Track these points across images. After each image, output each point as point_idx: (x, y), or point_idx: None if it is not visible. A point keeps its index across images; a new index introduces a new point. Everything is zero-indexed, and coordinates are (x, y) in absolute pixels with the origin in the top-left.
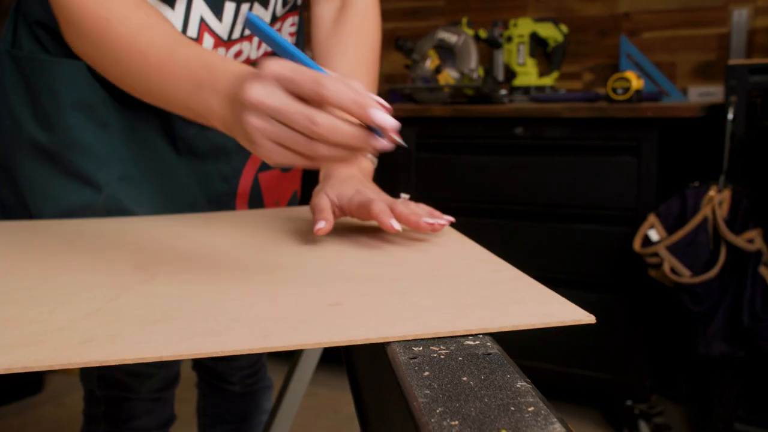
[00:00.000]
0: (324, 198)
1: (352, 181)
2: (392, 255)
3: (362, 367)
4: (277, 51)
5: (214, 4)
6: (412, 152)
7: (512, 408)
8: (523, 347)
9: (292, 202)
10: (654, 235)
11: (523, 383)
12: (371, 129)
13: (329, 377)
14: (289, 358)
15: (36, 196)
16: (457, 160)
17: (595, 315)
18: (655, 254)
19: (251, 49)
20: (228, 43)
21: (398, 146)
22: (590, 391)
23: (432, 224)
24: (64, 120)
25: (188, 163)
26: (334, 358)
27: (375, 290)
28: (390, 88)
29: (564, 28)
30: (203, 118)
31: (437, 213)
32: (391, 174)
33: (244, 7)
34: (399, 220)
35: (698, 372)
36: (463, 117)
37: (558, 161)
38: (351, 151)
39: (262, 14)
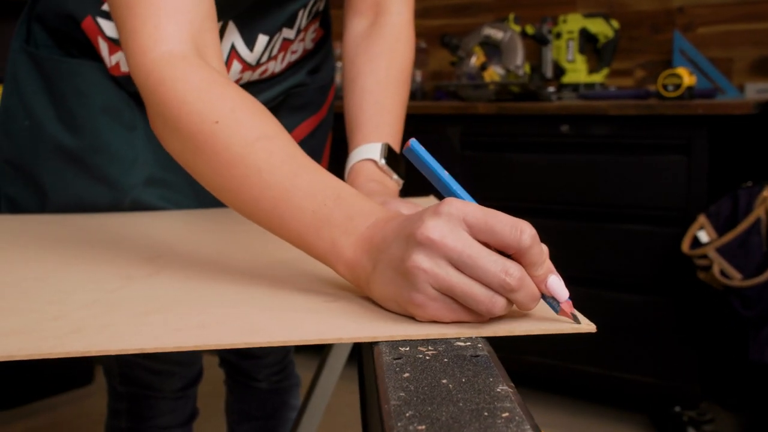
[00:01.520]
0: None
1: (376, 195)
2: None
3: (366, 367)
4: (436, 184)
5: (248, 36)
6: (456, 150)
7: (486, 413)
8: (566, 350)
9: None
10: (703, 236)
11: (504, 387)
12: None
13: None
14: (320, 353)
15: (60, 197)
16: (501, 158)
17: (641, 317)
18: (705, 256)
19: (276, 65)
20: (255, 67)
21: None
22: (637, 396)
23: None
24: (92, 123)
25: None
26: None
27: None
28: (435, 86)
29: (615, 23)
30: (320, 256)
31: None
32: None
33: (276, 36)
34: None
35: (751, 378)
36: (508, 114)
37: (605, 160)
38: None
39: (288, 33)
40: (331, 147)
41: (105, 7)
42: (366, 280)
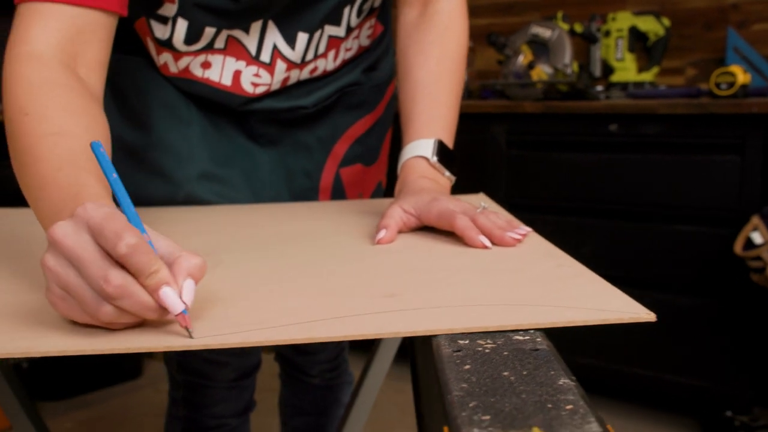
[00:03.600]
0: (395, 209)
1: (427, 191)
2: (456, 247)
3: (420, 361)
4: (113, 191)
5: (288, 34)
6: (503, 149)
7: (549, 405)
8: (615, 352)
9: (376, 193)
10: (757, 237)
11: (566, 380)
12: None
13: None
14: (368, 352)
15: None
16: (548, 157)
17: (692, 319)
18: (758, 258)
19: (327, 63)
20: (302, 65)
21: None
22: (687, 400)
23: (518, 239)
24: (151, 118)
25: (271, 159)
26: None
27: (432, 282)
28: (482, 84)
29: (666, 21)
30: None
31: (516, 222)
32: (481, 171)
33: (317, 34)
34: (482, 233)
35: None
36: (556, 113)
37: (654, 160)
38: (141, 320)
39: (335, 31)
40: (391, 145)
41: (161, 11)
42: None
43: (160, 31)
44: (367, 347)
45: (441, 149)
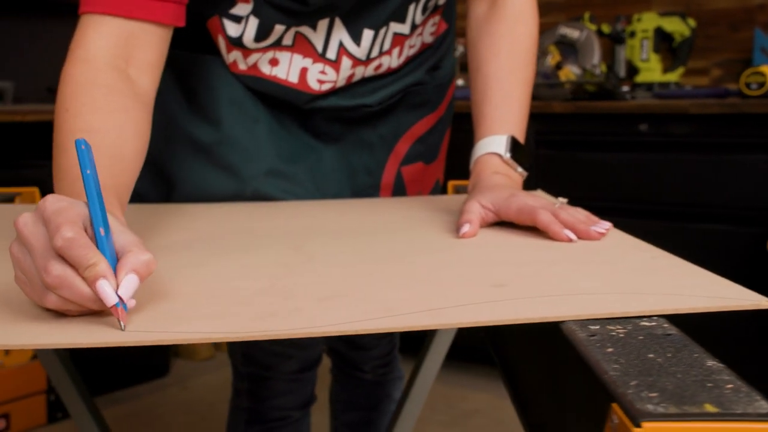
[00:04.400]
0: (474, 204)
1: (502, 187)
2: (540, 241)
3: (513, 351)
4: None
5: (354, 31)
6: (531, 149)
7: (709, 384)
8: None
9: (434, 191)
10: None
11: (714, 362)
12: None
13: (444, 373)
14: (417, 351)
15: (186, 188)
16: (577, 157)
17: (724, 319)
18: None
19: (391, 60)
20: (366, 62)
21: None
22: None
23: (603, 234)
24: (220, 115)
25: (334, 156)
26: (448, 354)
27: (535, 273)
28: None
29: (691, 22)
30: None
31: (594, 217)
32: None
33: (382, 31)
34: (565, 228)
35: None
36: (585, 113)
37: (685, 159)
38: (86, 309)
39: (400, 28)
40: (449, 143)
41: (233, 10)
42: None
43: (233, 29)
44: (415, 348)
45: (513, 145)
